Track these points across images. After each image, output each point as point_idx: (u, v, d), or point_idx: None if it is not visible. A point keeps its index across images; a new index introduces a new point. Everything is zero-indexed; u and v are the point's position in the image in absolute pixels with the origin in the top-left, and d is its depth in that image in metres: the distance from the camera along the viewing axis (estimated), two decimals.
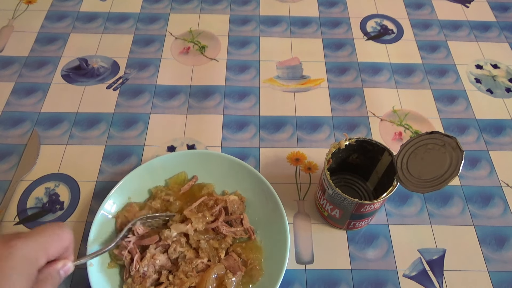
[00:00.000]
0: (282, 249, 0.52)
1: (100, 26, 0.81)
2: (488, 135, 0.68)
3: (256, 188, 0.58)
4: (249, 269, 0.52)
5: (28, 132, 0.66)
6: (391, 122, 0.69)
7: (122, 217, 0.56)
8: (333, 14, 0.85)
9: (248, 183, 0.58)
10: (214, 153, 0.61)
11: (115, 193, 0.56)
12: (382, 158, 0.54)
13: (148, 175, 0.59)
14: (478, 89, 0.74)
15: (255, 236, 0.55)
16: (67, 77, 0.73)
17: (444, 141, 0.47)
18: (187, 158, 0.60)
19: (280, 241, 0.53)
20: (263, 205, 0.57)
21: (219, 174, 0.60)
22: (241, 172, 0.59)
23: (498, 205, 0.60)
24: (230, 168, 0.59)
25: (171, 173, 0.60)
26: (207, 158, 0.60)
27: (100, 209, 0.54)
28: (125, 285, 0.51)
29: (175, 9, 0.85)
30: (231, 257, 0.52)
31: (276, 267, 0.51)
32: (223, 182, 0.60)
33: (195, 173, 0.61)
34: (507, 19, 0.86)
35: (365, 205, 0.50)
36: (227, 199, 0.56)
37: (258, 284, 0.51)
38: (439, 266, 0.55)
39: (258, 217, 0.57)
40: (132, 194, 0.58)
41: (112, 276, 0.52)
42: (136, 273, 0.51)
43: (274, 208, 0.55)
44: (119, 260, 0.52)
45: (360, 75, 0.75)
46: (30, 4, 0.85)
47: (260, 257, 0.53)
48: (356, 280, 0.53)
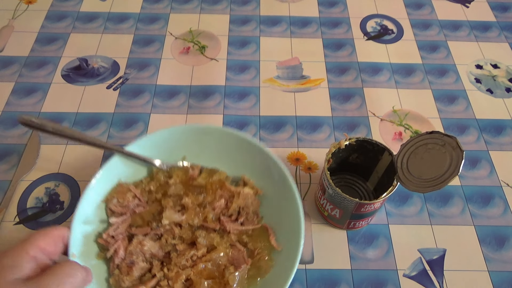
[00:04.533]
0: (295, 238, 0.45)
1: (100, 26, 0.81)
2: (488, 135, 0.68)
3: (266, 170, 0.51)
4: (256, 260, 0.46)
5: (28, 132, 0.66)
6: (391, 122, 0.69)
7: (112, 199, 0.49)
8: (333, 14, 0.85)
9: (256, 165, 0.51)
10: (217, 128, 0.54)
11: (102, 177, 0.49)
12: (382, 158, 0.54)
13: (142, 153, 0.52)
14: (478, 89, 0.74)
15: (273, 236, 0.49)
16: (67, 77, 0.73)
17: (444, 141, 0.47)
18: (187, 135, 0.54)
19: (292, 230, 0.46)
20: (273, 189, 0.51)
21: (224, 154, 0.53)
22: (248, 151, 0.52)
23: (498, 205, 0.60)
24: (233, 146, 0.52)
25: (169, 152, 0.53)
26: (210, 134, 0.53)
27: (84, 195, 0.48)
28: (112, 278, 0.45)
29: (175, 9, 0.85)
30: (235, 248, 0.46)
31: (288, 259, 0.45)
32: (230, 164, 0.53)
33: (195, 152, 0.53)
34: (507, 19, 0.86)
35: (365, 205, 0.50)
36: (241, 192, 0.49)
37: (268, 278, 0.45)
38: (439, 266, 0.55)
39: (267, 202, 0.51)
40: (123, 175, 0.52)
41: (100, 268, 0.46)
42: (122, 262, 0.45)
43: (285, 191, 0.49)
44: (106, 251, 0.47)
45: (360, 75, 0.75)
46: (30, 4, 0.85)
47: (270, 246, 0.46)
48: (356, 280, 0.53)
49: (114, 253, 0.46)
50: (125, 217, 0.48)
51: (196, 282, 0.43)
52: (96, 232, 0.48)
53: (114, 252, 0.46)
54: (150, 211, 0.49)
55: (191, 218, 0.47)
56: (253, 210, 0.50)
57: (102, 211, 0.50)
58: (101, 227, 0.49)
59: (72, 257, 0.43)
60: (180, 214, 0.47)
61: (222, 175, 0.51)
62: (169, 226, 0.47)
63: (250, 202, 0.50)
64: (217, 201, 0.49)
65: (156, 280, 0.44)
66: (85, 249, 0.46)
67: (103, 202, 0.50)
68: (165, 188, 0.50)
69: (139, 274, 0.45)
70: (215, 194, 0.49)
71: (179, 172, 0.51)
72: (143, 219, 0.49)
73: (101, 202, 0.50)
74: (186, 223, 0.47)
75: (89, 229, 0.48)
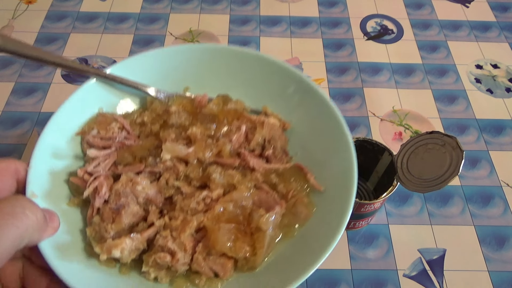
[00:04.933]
0: (345, 175, 0.35)
1: (100, 26, 0.81)
2: (488, 135, 0.68)
3: (295, 99, 0.39)
4: (291, 205, 0.35)
5: (28, 132, 0.66)
6: (391, 122, 0.69)
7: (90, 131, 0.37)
8: (333, 14, 0.85)
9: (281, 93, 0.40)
10: (230, 48, 0.41)
11: (75, 102, 0.37)
12: (382, 158, 0.54)
13: (132, 75, 0.39)
14: (478, 89, 0.74)
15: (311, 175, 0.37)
16: (67, 77, 0.73)
17: (444, 141, 0.47)
18: (190, 58, 0.40)
19: (340, 166, 0.36)
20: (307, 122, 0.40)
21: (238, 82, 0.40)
22: (271, 77, 0.39)
23: (498, 205, 0.60)
24: (250, 71, 0.40)
25: (166, 81, 0.41)
26: (220, 56, 0.41)
27: (49, 123, 0.36)
28: (90, 228, 0.33)
29: (175, 9, 0.85)
30: (261, 190, 0.35)
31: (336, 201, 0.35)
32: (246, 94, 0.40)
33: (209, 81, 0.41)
34: (507, 19, 0.86)
35: (365, 205, 0.50)
36: (265, 121, 0.38)
37: (309, 225, 0.35)
38: (439, 266, 0.55)
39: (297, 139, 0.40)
40: (105, 105, 0.40)
41: (74, 218, 0.35)
42: (105, 206, 0.33)
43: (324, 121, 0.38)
44: (81, 194, 0.34)
45: (360, 75, 0.75)
46: (30, 4, 0.85)
47: (307, 187, 0.36)
48: (356, 280, 0.53)
49: (93, 192, 0.33)
50: (109, 151, 0.36)
51: (213, 230, 0.31)
52: (67, 171, 0.36)
53: (93, 191, 0.33)
54: (144, 145, 0.36)
55: (202, 151, 0.35)
56: (281, 146, 0.39)
57: (77, 146, 0.38)
58: (75, 165, 0.37)
59: (33, 198, 0.32)
60: (185, 147, 0.35)
61: (239, 105, 0.39)
62: (171, 163, 0.35)
63: (277, 135, 0.38)
64: (235, 132, 0.37)
65: (155, 230, 0.32)
66: (52, 189, 0.34)
67: (77, 135, 0.38)
68: (163, 118, 0.38)
69: (129, 222, 0.32)
70: (232, 124, 0.37)
71: (182, 99, 0.38)
72: (133, 155, 0.36)
73: (75, 135, 0.38)
74: (194, 158, 0.35)
75: (59, 165, 0.36)
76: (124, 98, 0.41)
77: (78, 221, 0.35)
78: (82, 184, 0.34)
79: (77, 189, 0.35)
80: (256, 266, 0.32)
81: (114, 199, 0.33)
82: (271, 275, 0.32)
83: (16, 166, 0.32)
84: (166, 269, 0.31)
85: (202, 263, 0.31)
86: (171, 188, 0.34)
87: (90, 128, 0.37)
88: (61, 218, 0.32)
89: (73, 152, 0.38)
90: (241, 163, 0.36)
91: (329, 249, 0.33)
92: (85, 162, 0.37)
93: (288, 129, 0.41)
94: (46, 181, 0.34)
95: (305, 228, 0.35)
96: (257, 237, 0.31)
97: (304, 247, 0.33)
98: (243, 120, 0.37)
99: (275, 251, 0.33)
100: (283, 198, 0.36)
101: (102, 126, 0.37)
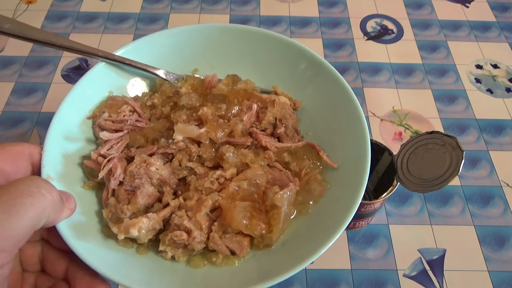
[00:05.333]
0: (358, 148, 0.35)
1: (100, 26, 0.81)
2: (488, 135, 0.68)
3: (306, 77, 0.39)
4: (305, 182, 0.35)
5: (28, 132, 0.66)
6: (391, 122, 0.69)
7: (101, 115, 0.37)
8: (333, 14, 0.85)
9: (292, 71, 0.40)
10: (238, 27, 0.40)
11: (85, 86, 0.37)
12: (382, 158, 0.54)
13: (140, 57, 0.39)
14: (478, 89, 0.74)
15: (324, 152, 0.37)
16: (67, 77, 0.73)
17: (444, 141, 0.47)
18: (208, 36, 0.40)
19: (352, 143, 0.36)
20: (319, 101, 0.39)
21: (248, 61, 0.40)
22: (281, 55, 0.39)
23: (498, 205, 0.60)
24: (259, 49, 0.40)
25: (174, 62, 0.41)
26: (229, 35, 0.40)
27: (61, 107, 0.36)
28: (106, 210, 0.33)
29: (175, 9, 0.85)
30: (274, 169, 0.36)
31: (350, 177, 0.35)
32: (256, 74, 0.40)
33: (218, 61, 0.41)
34: (507, 19, 0.86)
35: (365, 205, 0.50)
36: (276, 100, 0.38)
37: (324, 202, 0.35)
38: (439, 266, 0.55)
39: (308, 118, 0.40)
40: (116, 88, 0.40)
41: (89, 200, 0.35)
42: (120, 187, 0.33)
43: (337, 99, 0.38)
44: (96, 177, 0.35)
45: (360, 75, 0.75)
46: (30, 4, 0.85)
47: (320, 164, 0.36)
48: (356, 280, 0.53)
49: (108, 175, 0.33)
50: (121, 133, 0.36)
51: (228, 208, 0.31)
52: (81, 154, 0.37)
53: (108, 173, 0.33)
54: (155, 127, 0.36)
55: (214, 131, 0.34)
56: (293, 124, 0.39)
57: (89, 130, 0.38)
58: (88, 148, 0.37)
59: (49, 180, 0.32)
60: (197, 128, 0.35)
61: (250, 84, 0.39)
62: (183, 143, 0.34)
63: (288, 114, 0.38)
64: (246, 112, 0.37)
65: (170, 210, 0.32)
66: (67, 172, 0.34)
67: (88, 118, 0.38)
68: (174, 99, 0.38)
69: (144, 203, 0.32)
70: (242, 103, 0.37)
71: (192, 81, 0.39)
72: (145, 137, 0.36)
73: (86, 118, 0.38)
74: (206, 139, 0.35)
75: (72, 148, 0.36)
76: (134, 81, 0.40)
77: (93, 203, 0.35)
78: (96, 167, 0.34)
79: (91, 172, 0.35)
80: (272, 243, 0.32)
81: (129, 181, 0.33)
82: (286, 252, 0.32)
83: (31, 150, 0.32)
84: (183, 248, 0.31)
85: (219, 241, 0.31)
86: (184, 169, 0.34)
87: (101, 112, 0.37)
88: (76, 200, 0.32)
89: (85, 135, 0.37)
90: (253, 142, 0.36)
91: (343, 226, 0.32)
92: (97, 145, 0.37)
93: (299, 108, 0.41)
94: (60, 164, 0.34)
95: (319, 205, 0.35)
96: (272, 214, 0.31)
97: (318, 224, 0.33)
98: (253, 100, 0.37)
99: (290, 228, 0.33)
100: (297, 176, 0.36)
101: (113, 110, 0.37)
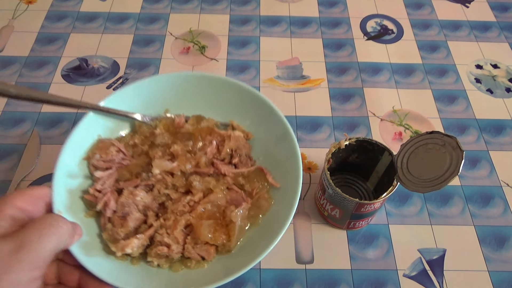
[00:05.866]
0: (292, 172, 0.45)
1: (100, 26, 0.81)
2: (488, 135, 0.68)
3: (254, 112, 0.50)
4: (255, 200, 0.45)
5: (28, 132, 0.66)
6: (391, 122, 0.69)
7: (94, 156, 0.47)
8: (333, 14, 0.85)
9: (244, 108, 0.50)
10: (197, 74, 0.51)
11: (79, 133, 0.46)
12: (382, 158, 0.54)
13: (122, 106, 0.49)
14: (478, 89, 0.74)
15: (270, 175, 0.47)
16: (67, 77, 0.73)
17: (444, 141, 0.47)
18: (175, 83, 0.51)
19: (289, 166, 0.46)
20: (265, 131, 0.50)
21: (208, 101, 0.51)
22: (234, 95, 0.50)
23: (498, 205, 0.60)
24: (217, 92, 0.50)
25: (149, 105, 0.50)
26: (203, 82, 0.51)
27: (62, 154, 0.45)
28: (105, 233, 0.43)
29: (175, 9, 0.85)
30: (232, 191, 0.45)
31: (288, 192, 0.44)
32: (215, 111, 0.51)
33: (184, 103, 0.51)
34: (507, 19, 0.86)
35: (365, 205, 0.50)
36: (232, 135, 0.48)
37: (269, 215, 0.45)
38: (439, 266, 0.55)
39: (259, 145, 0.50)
40: (103, 132, 0.49)
41: (90, 226, 0.44)
42: (114, 215, 0.43)
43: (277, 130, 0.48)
44: (94, 207, 0.44)
45: (360, 75, 0.75)
46: (30, 4, 0.85)
47: (267, 184, 0.46)
48: (356, 280, 0.53)
49: (104, 206, 0.43)
50: (111, 171, 0.46)
51: (197, 226, 0.41)
52: (81, 189, 0.46)
53: (104, 205, 0.43)
54: (138, 163, 0.46)
55: (183, 164, 0.45)
56: (246, 153, 0.49)
57: (85, 168, 0.47)
58: (85, 183, 0.46)
59: (58, 214, 0.41)
60: (170, 162, 0.45)
61: (210, 122, 0.50)
62: (160, 176, 0.45)
63: (242, 145, 0.48)
64: (208, 146, 0.47)
65: (154, 229, 0.42)
66: (71, 205, 0.43)
67: (84, 159, 0.47)
68: (151, 139, 0.48)
69: (134, 225, 0.42)
70: (205, 139, 0.48)
71: (164, 121, 0.49)
72: (130, 172, 0.46)
73: (82, 159, 0.47)
74: (178, 170, 0.45)
75: (74, 185, 0.45)
76: (117, 125, 0.50)
77: (94, 227, 0.44)
78: (94, 199, 0.44)
79: (91, 203, 0.44)
80: (231, 249, 0.43)
81: (120, 209, 0.43)
82: (243, 253, 0.42)
83: (44, 192, 0.40)
84: (165, 258, 0.42)
85: (192, 251, 0.42)
86: (163, 196, 0.45)
87: (93, 153, 0.47)
88: (81, 226, 0.41)
89: (83, 172, 0.47)
90: (214, 171, 0.47)
91: (282, 232, 0.42)
92: (93, 181, 0.46)
93: (252, 138, 0.51)
94: (66, 199, 0.43)
95: (266, 217, 0.45)
96: (230, 228, 0.42)
97: (266, 232, 0.43)
98: (214, 135, 0.48)
99: (246, 236, 0.44)
100: (249, 196, 0.46)
101: (103, 151, 0.47)
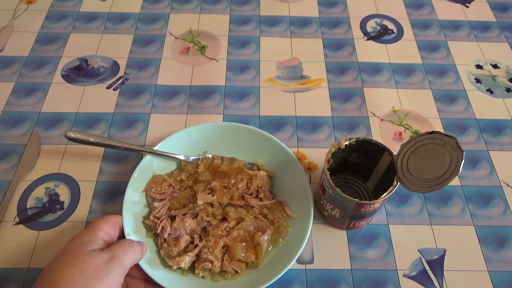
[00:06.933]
0: (305, 205, 0.56)
1: (100, 26, 0.81)
2: (488, 135, 0.68)
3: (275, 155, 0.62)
4: (276, 227, 0.56)
5: (28, 132, 0.66)
6: (391, 122, 0.69)
7: (150, 189, 0.59)
8: (333, 14, 0.85)
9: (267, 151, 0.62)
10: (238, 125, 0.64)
11: (138, 173, 0.58)
12: (382, 158, 0.54)
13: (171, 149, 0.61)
14: (478, 89, 0.74)
15: (287, 207, 0.58)
16: (67, 77, 0.73)
17: (444, 141, 0.47)
18: (211, 131, 0.63)
19: (302, 200, 0.57)
20: (283, 170, 0.61)
21: (239, 145, 0.63)
22: (259, 141, 0.62)
23: (498, 205, 0.60)
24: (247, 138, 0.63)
25: (192, 148, 0.63)
26: (233, 130, 0.63)
27: (128, 188, 0.57)
28: (162, 250, 0.54)
29: (175, 9, 0.85)
30: (258, 219, 0.56)
31: (302, 221, 0.55)
32: (245, 153, 0.63)
33: (219, 145, 0.63)
34: (507, 19, 0.86)
35: (365, 205, 0.50)
36: (258, 174, 0.60)
37: (287, 239, 0.55)
38: (439, 266, 0.55)
39: (278, 182, 0.61)
40: (157, 169, 0.61)
41: (149, 244, 0.55)
42: (169, 237, 0.55)
43: (292, 170, 0.59)
44: (153, 230, 0.56)
45: (360, 75, 0.75)
46: (30, 4, 0.85)
47: (285, 215, 0.57)
48: (356, 280, 0.53)
49: (161, 229, 0.55)
50: (165, 201, 0.58)
51: (232, 246, 0.53)
52: (142, 215, 0.57)
53: (161, 229, 0.55)
54: (184, 195, 0.58)
55: (221, 198, 0.57)
56: (269, 189, 0.60)
57: (144, 200, 0.59)
58: (145, 210, 0.58)
59: (128, 236, 0.52)
60: (210, 196, 0.57)
61: (240, 163, 0.61)
62: (203, 206, 0.57)
63: (265, 182, 0.60)
64: (239, 183, 0.59)
65: (199, 248, 0.54)
66: (136, 229, 0.55)
67: (143, 192, 0.59)
68: (194, 176, 0.60)
69: (184, 245, 0.54)
70: (237, 177, 0.60)
71: (205, 162, 0.62)
72: (179, 202, 0.58)
73: (142, 192, 0.59)
74: (216, 202, 0.57)
75: (137, 210, 0.57)
76: (168, 164, 0.62)
77: (153, 246, 0.55)
78: (153, 224, 0.56)
79: (150, 227, 0.56)
80: (258, 266, 0.54)
81: (173, 232, 0.55)
82: (267, 269, 0.53)
83: (118, 219, 0.52)
84: (208, 271, 0.53)
85: (228, 266, 0.53)
86: (205, 222, 0.56)
87: (150, 187, 0.59)
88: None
89: (143, 201, 0.58)
90: (245, 203, 0.58)
91: (300, 251, 0.52)
92: (150, 209, 0.58)
93: (273, 176, 0.62)
94: (132, 224, 0.55)
95: (285, 240, 0.55)
96: (258, 249, 0.54)
97: (285, 252, 0.54)
98: (244, 174, 0.60)
99: (269, 255, 0.55)
100: (272, 223, 0.57)
101: (158, 185, 0.59)
